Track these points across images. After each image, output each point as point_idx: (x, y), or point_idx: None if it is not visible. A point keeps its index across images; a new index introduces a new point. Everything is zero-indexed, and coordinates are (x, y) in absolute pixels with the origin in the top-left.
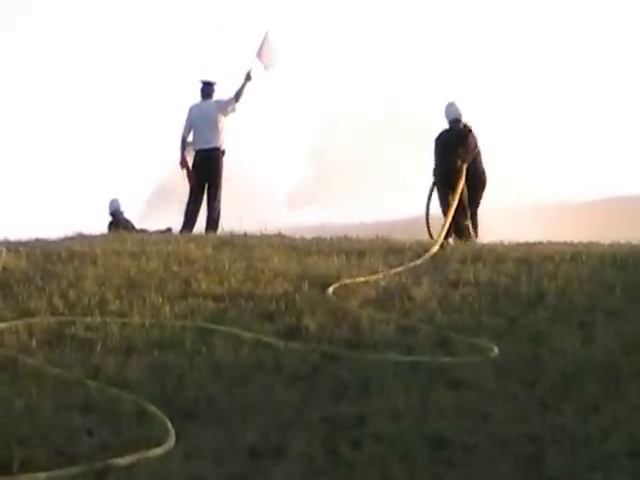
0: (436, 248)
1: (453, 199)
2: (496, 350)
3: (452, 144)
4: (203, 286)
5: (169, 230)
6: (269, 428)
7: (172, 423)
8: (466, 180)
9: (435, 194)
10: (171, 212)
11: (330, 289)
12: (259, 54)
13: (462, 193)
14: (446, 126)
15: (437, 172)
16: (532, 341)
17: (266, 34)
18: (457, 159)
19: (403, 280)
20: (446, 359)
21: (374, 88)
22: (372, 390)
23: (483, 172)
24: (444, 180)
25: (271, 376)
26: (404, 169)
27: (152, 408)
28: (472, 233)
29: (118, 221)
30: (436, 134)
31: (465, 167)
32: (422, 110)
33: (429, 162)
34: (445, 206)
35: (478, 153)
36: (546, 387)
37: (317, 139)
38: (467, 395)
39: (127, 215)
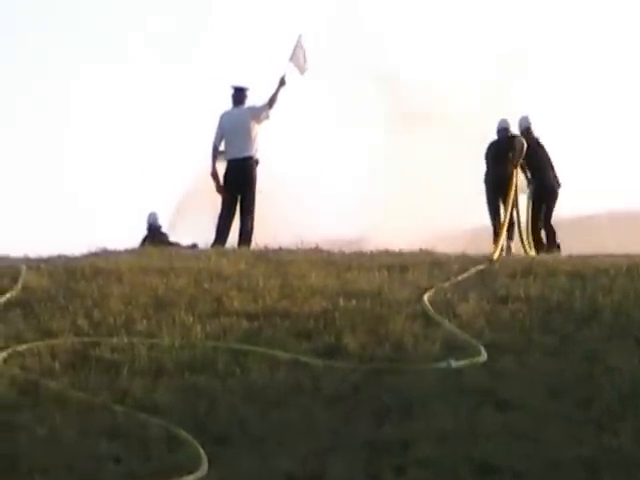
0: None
1: (507, 206)
2: (484, 354)
3: (502, 152)
4: (236, 304)
5: (195, 246)
6: (307, 453)
7: (204, 449)
8: (535, 191)
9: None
10: (199, 226)
11: (425, 296)
12: (293, 58)
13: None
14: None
15: (487, 180)
16: (586, 359)
17: (299, 37)
18: (508, 166)
19: (449, 296)
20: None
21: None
22: (416, 412)
23: (553, 184)
24: (495, 188)
25: (309, 398)
26: (447, 178)
27: (183, 433)
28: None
29: (154, 235)
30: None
31: (517, 171)
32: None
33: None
34: (494, 213)
35: (545, 164)
36: (601, 407)
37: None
38: (517, 417)
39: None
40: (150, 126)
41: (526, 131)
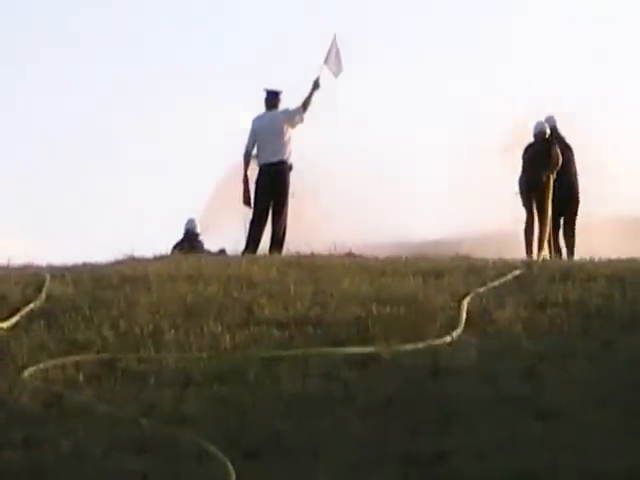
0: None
1: (544, 213)
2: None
3: (537, 157)
4: (266, 312)
5: (223, 252)
6: (342, 467)
7: (234, 464)
8: (557, 194)
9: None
10: (230, 231)
11: (466, 301)
12: (327, 60)
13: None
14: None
15: (522, 182)
16: (630, 365)
17: (334, 39)
18: (542, 171)
19: (485, 302)
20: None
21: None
22: (453, 423)
23: (575, 186)
24: (528, 191)
25: (343, 409)
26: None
27: (212, 448)
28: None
29: (190, 241)
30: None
31: (552, 179)
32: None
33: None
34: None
35: (570, 166)
36: None
37: None
38: (559, 427)
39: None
40: (182, 128)
41: (553, 131)
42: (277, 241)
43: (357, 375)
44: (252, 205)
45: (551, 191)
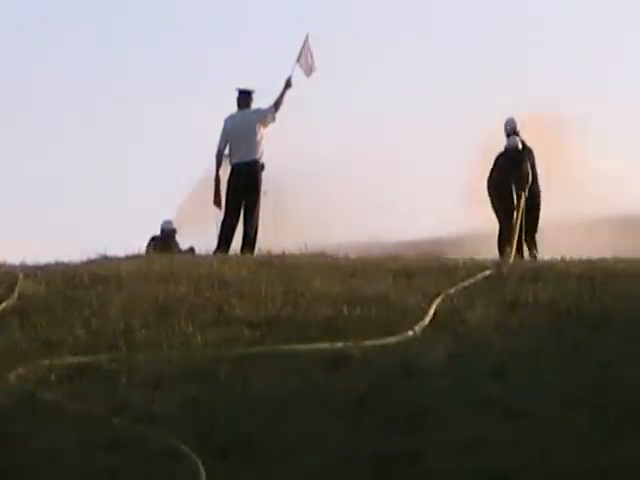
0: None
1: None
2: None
3: (507, 166)
4: (238, 312)
5: (192, 250)
6: (313, 467)
7: (205, 463)
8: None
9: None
10: (200, 231)
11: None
12: (299, 59)
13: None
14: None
15: (490, 187)
16: (599, 367)
17: (306, 38)
18: (511, 180)
19: (455, 302)
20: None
21: None
22: (424, 423)
23: (538, 194)
24: (497, 196)
25: (313, 409)
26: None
27: (183, 447)
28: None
29: (166, 241)
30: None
31: (524, 197)
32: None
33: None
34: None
35: (534, 174)
36: (614, 417)
37: None
38: (528, 427)
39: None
40: (157, 127)
41: (512, 133)
42: (249, 241)
43: (328, 375)
44: (223, 205)
45: (522, 206)
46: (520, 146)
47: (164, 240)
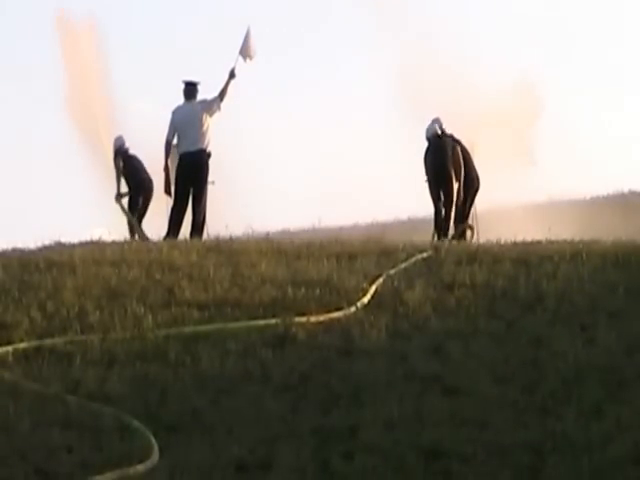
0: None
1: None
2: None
3: (437, 152)
4: (187, 294)
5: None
6: (257, 441)
7: (156, 438)
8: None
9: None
10: (156, 218)
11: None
12: (242, 50)
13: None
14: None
15: (426, 171)
16: (531, 345)
17: (248, 30)
18: (446, 163)
19: (395, 284)
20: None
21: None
22: (364, 399)
23: (475, 178)
24: (435, 181)
25: (259, 386)
26: (398, 168)
27: (135, 423)
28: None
29: (126, 159)
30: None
31: (458, 186)
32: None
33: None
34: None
35: (468, 159)
36: (546, 392)
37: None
38: (463, 402)
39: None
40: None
41: (434, 137)
42: (197, 227)
43: (273, 354)
44: (172, 193)
45: (456, 184)
46: (439, 131)
47: (124, 158)
